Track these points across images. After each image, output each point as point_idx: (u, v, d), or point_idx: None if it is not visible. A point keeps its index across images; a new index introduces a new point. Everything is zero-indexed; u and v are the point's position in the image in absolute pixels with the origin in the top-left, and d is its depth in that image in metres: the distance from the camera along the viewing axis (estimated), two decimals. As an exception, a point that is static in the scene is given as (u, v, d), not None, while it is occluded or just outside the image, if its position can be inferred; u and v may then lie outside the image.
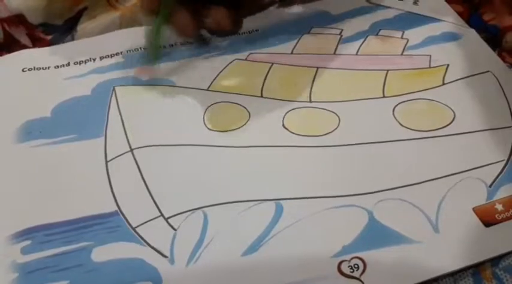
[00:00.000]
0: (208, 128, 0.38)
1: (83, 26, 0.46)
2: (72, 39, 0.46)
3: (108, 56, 0.43)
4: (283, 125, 0.38)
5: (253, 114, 0.38)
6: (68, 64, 0.43)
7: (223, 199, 0.33)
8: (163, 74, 0.41)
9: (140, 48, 0.43)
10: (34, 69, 0.42)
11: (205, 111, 0.39)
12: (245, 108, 0.39)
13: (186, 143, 0.37)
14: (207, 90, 0.40)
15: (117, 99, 0.40)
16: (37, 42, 0.46)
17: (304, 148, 0.36)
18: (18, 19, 0.45)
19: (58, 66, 0.42)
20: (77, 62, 0.43)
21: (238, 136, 0.37)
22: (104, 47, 0.44)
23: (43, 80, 0.41)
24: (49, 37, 0.46)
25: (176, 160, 0.36)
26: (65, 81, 0.41)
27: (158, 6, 0.36)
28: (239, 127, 0.37)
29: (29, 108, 0.39)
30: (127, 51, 0.43)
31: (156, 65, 0.37)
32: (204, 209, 0.33)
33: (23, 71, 0.42)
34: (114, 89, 0.40)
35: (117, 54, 0.43)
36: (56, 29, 0.46)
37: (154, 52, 0.37)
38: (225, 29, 0.41)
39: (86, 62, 0.43)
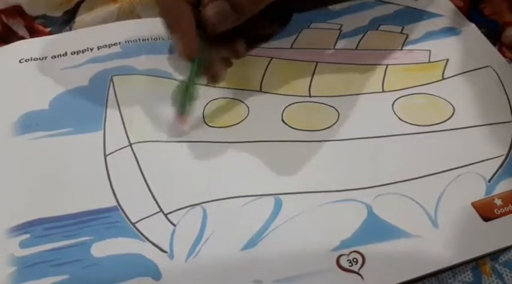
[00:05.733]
0: (207, 124, 0.37)
1: (81, 18, 0.46)
2: (70, 31, 0.46)
3: (106, 46, 0.43)
4: (282, 120, 0.37)
5: (252, 109, 0.38)
6: (65, 54, 0.42)
7: (223, 194, 0.33)
8: (162, 67, 0.41)
9: (139, 39, 0.43)
10: (31, 60, 0.42)
11: (205, 107, 0.38)
12: (244, 103, 0.39)
13: (185, 139, 0.37)
14: (206, 85, 0.40)
15: (115, 89, 0.40)
16: (35, 35, 0.45)
17: (303, 143, 0.36)
18: (16, 10, 0.45)
19: (55, 56, 0.42)
20: (74, 52, 0.42)
21: (237, 132, 0.37)
22: (102, 37, 0.44)
23: (40, 71, 0.41)
24: (47, 29, 0.46)
25: (175, 156, 0.36)
26: (62, 71, 0.41)
27: (197, 53, 0.35)
28: (238, 123, 0.37)
29: (27, 100, 0.39)
30: (125, 42, 0.43)
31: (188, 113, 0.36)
32: (203, 204, 0.33)
33: (20, 62, 0.42)
34: (111, 79, 0.40)
35: (115, 44, 0.43)
36: (54, 21, 0.46)
37: (188, 101, 0.36)
38: (241, 57, 0.40)
39: (83, 52, 0.42)
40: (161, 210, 0.33)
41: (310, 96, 0.39)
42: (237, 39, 0.38)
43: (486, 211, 0.32)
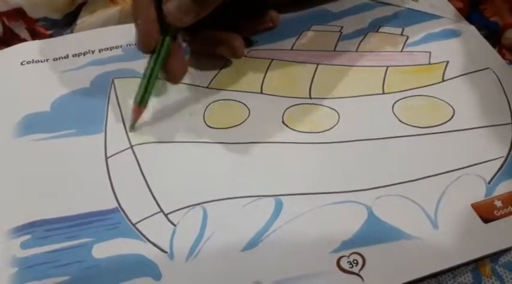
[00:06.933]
0: (208, 126, 0.38)
1: (82, 20, 0.46)
2: (72, 33, 0.46)
3: (107, 49, 0.43)
4: (283, 122, 0.38)
5: (253, 111, 0.38)
6: (67, 56, 0.43)
7: (223, 195, 0.33)
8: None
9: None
10: (33, 62, 0.42)
11: (206, 109, 0.39)
12: (245, 105, 0.39)
13: (186, 140, 0.37)
14: (207, 87, 0.40)
15: (116, 92, 0.40)
16: (37, 37, 0.46)
17: (304, 145, 0.36)
18: (18, 13, 0.45)
19: (57, 59, 0.42)
20: (75, 54, 0.43)
21: (238, 133, 0.37)
22: (103, 40, 0.44)
23: (42, 73, 0.41)
24: (49, 32, 0.46)
25: (176, 157, 0.36)
26: (63, 74, 0.41)
27: (152, 46, 0.35)
28: (239, 124, 0.37)
29: (29, 102, 0.39)
30: (127, 45, 0.43)
31: (144, 105, 0.37)
32: (204, 205, 0.33)
33: (21, 64, 0.42)
34: (113, 81, 0.40)
35: (116, 47, 0.43)
36: (56, 23, 0.46)
37: (146, 95, 0.36)
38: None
39: (84, 54, 0.43)
40: (161, 210, 0.33)
41: (310, 97, 0.39)
42: (234, 35, 0.38)
43: (486, 213, 0.32)
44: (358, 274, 0.30)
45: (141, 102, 0.36)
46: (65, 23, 0.46)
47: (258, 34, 0.42)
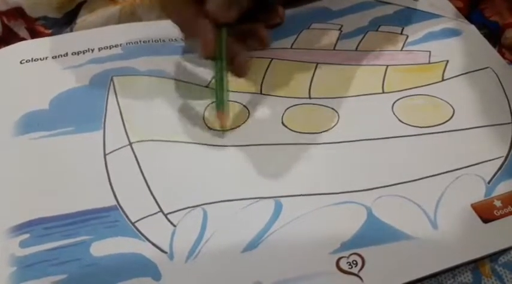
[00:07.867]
0: (208, 126, 0.37)
1: (82, 19, 0.46)
2: (71, 32, 0.46)
3: (107, 47, 0.43)
4: (282, 122, 0.37)
5: (252, 112, 0.38)
6: (66, 54, 0.42)
7: (223, 196, 0.33)
8: (163, 67, 0.41)
9: (139, 41, 0.43)
10: (32, 61, 0.42)
11: (205, 110, 0.38)
12: (244, 106, 0.39)
13: (185, 141, 0.37)
14: (207, 87, 0.40)
15: (115, 89, 0.40)
16: (36, 36, 0.45)
17: (303, 146, 0.36)
18: (18, 12, 0.45)
19: (56, 57, 0.42)
20: (75, 53, 0.42)
21: (238, 135, 0.37)
22: (103, 38, 0.44)
23: (41, 71, 0.41)
24: (48, 31, 0.46)
25: (176, 157, 0.36)
26: (62, 72, 0.41)
27: (215, 51, 0.36)
28: (238, 126, 0.37)
29: (28, 100, 0.39)
30: (126, 43, 0.43)
31: (226, 109, 0.37)
32: (204, 206, 0.33)
33: (21, 62, 0.42)
34: (112, 79, 0.40)
35: (115, 45, 0.43)
36: (55, 22, 0.46)
37: (221, 98, 0.37)
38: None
39: (84, 53, 0.42)
40: (161, 210, 0.33)
41: (310, 97, 0.39)
42: (258, 25, 0.38)
43: (486, 213, 0.32)
44: (357, 275, 0.30)
45: (219, 108, 0.37)
46: (65, 22, 0.46)
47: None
